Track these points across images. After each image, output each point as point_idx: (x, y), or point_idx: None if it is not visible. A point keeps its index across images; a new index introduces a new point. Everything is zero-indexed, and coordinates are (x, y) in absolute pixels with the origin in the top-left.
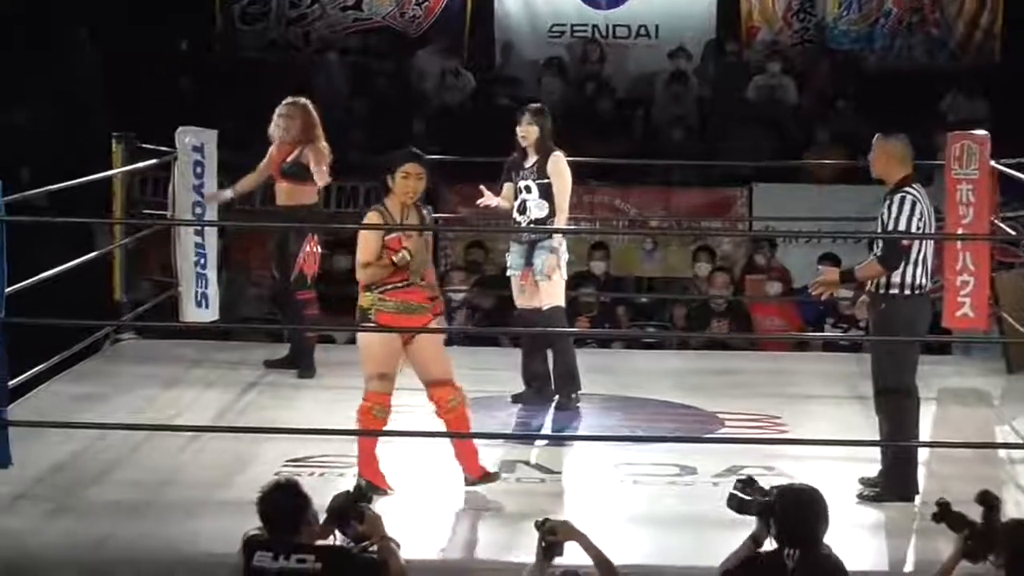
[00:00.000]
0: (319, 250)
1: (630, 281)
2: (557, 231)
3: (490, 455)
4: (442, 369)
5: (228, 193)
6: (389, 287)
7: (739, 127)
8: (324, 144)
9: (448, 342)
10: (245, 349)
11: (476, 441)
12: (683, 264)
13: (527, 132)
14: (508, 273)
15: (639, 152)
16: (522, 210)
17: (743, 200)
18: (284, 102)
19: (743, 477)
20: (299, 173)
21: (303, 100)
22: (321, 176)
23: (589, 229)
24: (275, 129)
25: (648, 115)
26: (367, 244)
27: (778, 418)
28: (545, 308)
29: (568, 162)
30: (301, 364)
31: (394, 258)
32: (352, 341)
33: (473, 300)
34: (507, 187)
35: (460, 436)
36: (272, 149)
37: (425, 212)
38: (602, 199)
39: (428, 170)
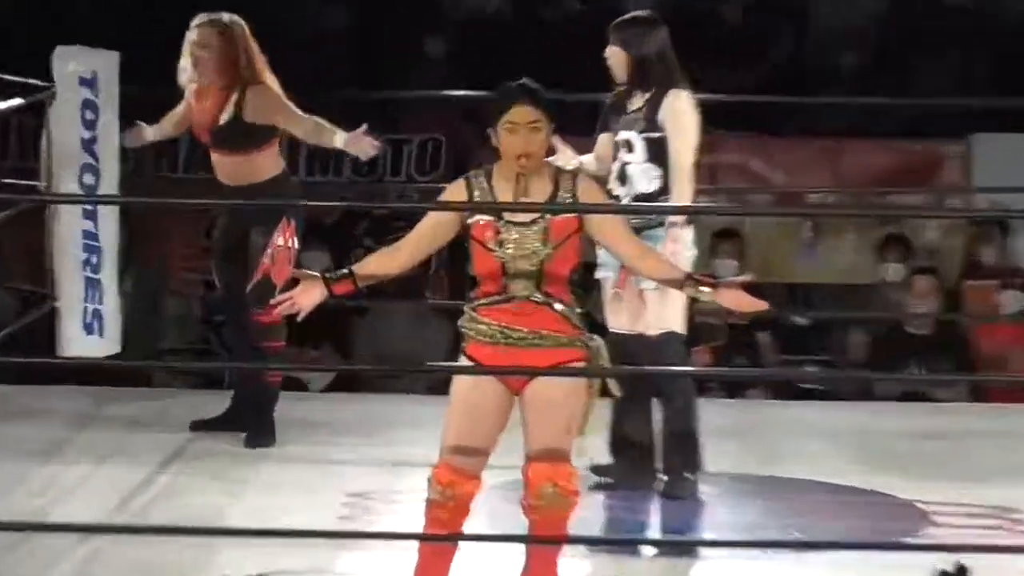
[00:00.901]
0: (295, 245)
1: (778, 290)
2: (667, 211)
3: (563, 570)
4: (555, 438)
5: (148, 133)
6: (483, 301)
7: (943, 44)
8: (271, 79)
9: None
10: (164, 399)
11: (551, 552)
12: (863, 263)
13: (612, 58)
14: (597, 275)
15: (786, 85)
16: (622, 179)
17: (956, 160)
18: (195, 22)
19: (950, 570)
20: (244, 138)
21: (225, 18)
22: (297, 124)
23: (709, 207)
24: (185, 67)
25: (804, 27)
26: (419, 225)
27: (1017, 513)
28: (655, 334)
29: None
30: (254, 425)
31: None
32: (333, 388)
33: None
34: (603, 140)
35: (505, 539)
36: (189, 94)
37: (575, 181)
38: (730, 158)
39: (549, 113)
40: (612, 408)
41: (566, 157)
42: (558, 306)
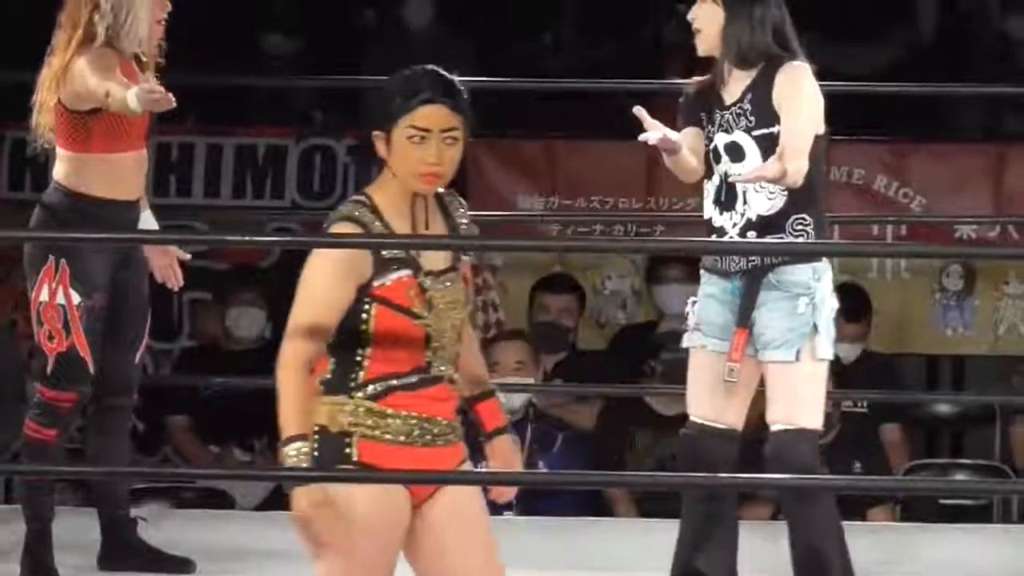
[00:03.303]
0: (73, 298)
1: (912, 366)
2: (804, 251)
3: None
4: (490, 566)
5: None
6: (391, 381)
7: None
8: None
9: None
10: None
11: None
12: None
13: (700, 20)
14: (689, 344)
15: (927, 68)
16: (726, 199)
17: None
18: None
19: None
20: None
21: None
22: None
23: (821, 244)
24: (139, 23)
25: None
26: (316, 287)
27: None
28: (781, 430)
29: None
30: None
31: None
32: (272, 504)
33: (551, 409)
34: (691, 135)
35: None
36: (103, 67)
37: (459, 214)
38: (846, 174)
39: (468, 121)
40: (681, 535)
41: (658, 133)
42: (482, 383)
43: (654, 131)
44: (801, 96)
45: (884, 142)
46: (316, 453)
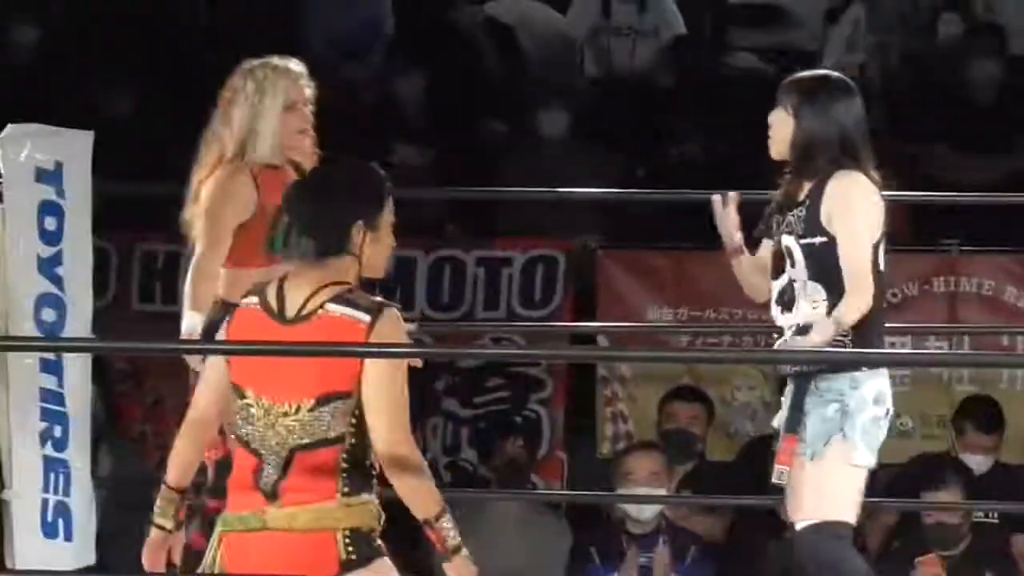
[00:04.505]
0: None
1: None
2: (830, 359)
3: None
4: None
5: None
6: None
7: None
8: None
9: None
10: None
11: None
12: None
13: (774, 126)
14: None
15: None
16: (786, 301)
17: None
18: (294, 65)
19: None
20: None
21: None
22: None
23: (913, 355)
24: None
25: None
26: (404, 388)
27: None
28: (804, 527)
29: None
30: None
31: None
32: None
33: (681, 521)
34: (766, 247)
35: None
36: (243, 174)
37: None
38: (974, 285)
39: None
40: None
41: (730, 230)
42: None
43: (726, 226)
44: (853, 215)
45: (1013, 252)
46: (354, 556)
